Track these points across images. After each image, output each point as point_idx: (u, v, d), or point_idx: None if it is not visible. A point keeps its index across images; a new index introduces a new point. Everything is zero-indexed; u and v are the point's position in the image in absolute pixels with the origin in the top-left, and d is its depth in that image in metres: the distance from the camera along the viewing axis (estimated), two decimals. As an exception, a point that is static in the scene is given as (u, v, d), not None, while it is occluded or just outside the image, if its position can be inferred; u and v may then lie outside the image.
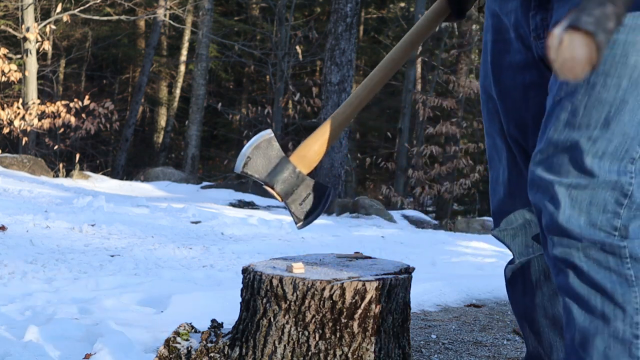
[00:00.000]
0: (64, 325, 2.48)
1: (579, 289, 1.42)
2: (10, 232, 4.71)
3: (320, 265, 1.87)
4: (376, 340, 1.74)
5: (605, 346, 1.42)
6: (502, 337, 3.00)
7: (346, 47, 10.96)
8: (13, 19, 15.00)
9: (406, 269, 1.86)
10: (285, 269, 1.81)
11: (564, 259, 1.42)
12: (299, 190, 1.71)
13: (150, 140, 20.35)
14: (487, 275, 4.68)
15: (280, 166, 1.70)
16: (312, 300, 1.70)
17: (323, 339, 1.71)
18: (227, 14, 20.51)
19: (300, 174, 1.71)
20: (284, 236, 6.03)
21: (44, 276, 3.61)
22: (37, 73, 13.36)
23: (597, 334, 1.42)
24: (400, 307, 1.80)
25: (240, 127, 18.40)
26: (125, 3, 14.96)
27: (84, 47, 18.39)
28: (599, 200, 1.40)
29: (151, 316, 2.87)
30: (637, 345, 1.40)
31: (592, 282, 1.41)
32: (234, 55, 17.87)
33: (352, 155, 15.20)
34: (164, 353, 1.85)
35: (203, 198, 9.96)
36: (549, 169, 1.43)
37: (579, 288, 1.42)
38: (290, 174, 1.70)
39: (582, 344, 1.44)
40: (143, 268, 4.07)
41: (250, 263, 1.87)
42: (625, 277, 1.40)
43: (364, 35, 19.74)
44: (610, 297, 1.40)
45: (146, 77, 16.93)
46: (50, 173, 10.78)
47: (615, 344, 1.41)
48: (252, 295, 1.78)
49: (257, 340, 1.75)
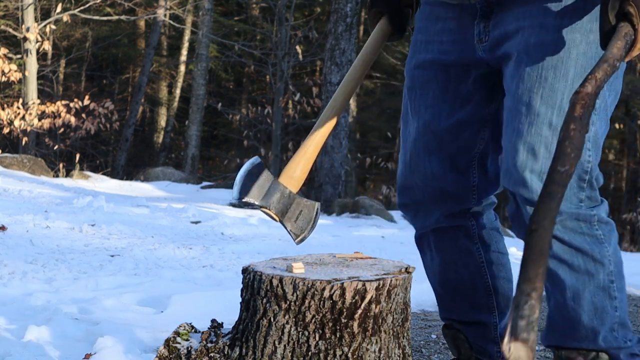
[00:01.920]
0: (64, 325, 2.48)
1: (563, 254, 1.75)
2: (10, 232, 4.71)
3: (320, 265, 1.87)
4: (376, 340, 1.74)
5: (592, 295, 1.77)
6: (502, 337, 2.99)
7: (346, 47, 10.96)
8: (13, 19, 15.00)
9: (406, 269, 1.86)
10: (285, 269, 1.81)
11: None
12: (292, 208, 1.87)
13: (150, 140, 20.35)
14: (487, 275, 4.68)
15: (272, 189, 1.84)
16: (312, 300, 1.70)
17: (323, 339, 1.71)
18: (227, 14, 20.51)
19: (291, 193, 1.87)
20: (284, 236, 6.03)
21: (44, 276, 3.61)
22: (37, 73, 13.36)
23: (585, 287, 1.76)
24: (400, 307, 1.81)
25: (240, 127, 18.39)
26: (125, 3, 14.96)
27: (84, 47, 18.38)
28: None
29: (151, 316, 2.87)
30: (613, 288, 1.78)
31: (573, 247, 1.74)
32: (234, 55, 17.86)
33: (352, 155, 15.20)
34: (164, 353, 1.85)
35: (203, 198, 9.96)
36: (522, 158, 1.69)
37: (563, 254, 1.74)
38: (282, 194, 1.85)
39: (574, 298, 1.78)
40: (143, 268, 4.07)
41: (250, 263, 1.87)
42: (597, 237, 1.75)
43: (364, 35, 19.74)
44: (590, 256, 1.75)
45: (146, 77, 16.93)
46: (50, 173, 10.78)
47: (598, 292, 1.77)
48: (252, 295, 1.78)
49: (257, 340, 1.75)
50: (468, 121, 1.90)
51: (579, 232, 1.73)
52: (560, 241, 1.74)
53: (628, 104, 17.80)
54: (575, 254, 1.75)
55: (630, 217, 16.29)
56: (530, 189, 1.69)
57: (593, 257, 1.75)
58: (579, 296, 1.78)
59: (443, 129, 1.90)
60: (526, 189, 1.70)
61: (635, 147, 18.75)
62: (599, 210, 1.75)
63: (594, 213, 1.74)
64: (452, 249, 2.00)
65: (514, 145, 1.71)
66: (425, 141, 1.92)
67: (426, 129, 1.92)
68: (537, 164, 1.68)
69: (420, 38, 1.96)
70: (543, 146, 1.68)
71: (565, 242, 1.74)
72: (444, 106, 1.90)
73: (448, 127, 1.90)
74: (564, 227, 1.72)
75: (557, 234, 1.73)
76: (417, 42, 1.97)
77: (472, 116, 1.90)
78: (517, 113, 1.71)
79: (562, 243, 1.74)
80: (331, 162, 10.95)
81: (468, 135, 1.91)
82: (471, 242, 2.00)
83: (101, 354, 2.17)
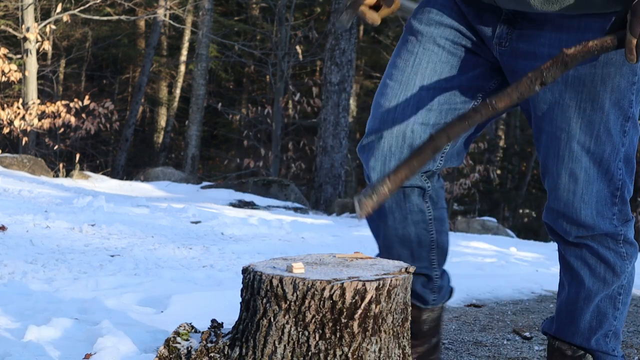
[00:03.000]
0: (64, 325, 2.47)
1: (589, 259, 1.98)
2: (10, 232, 4.71)
3: (320, 265, 1.87)
4: (376, 340, 1.74)
5: (599, 300, 2.01)
6: (502, 337, 3.00)
7: (346, 47, 10.97)
8: (13, 19, 15.01)
9: (406, 269, 1.86)
10: (285, 269, 1.81)
11: (579, 242, 1.96)
12: None
13: (150, 140, 20.36)
14: (487, 275, 4.69)
15: None
16: (312, 300, 1.70)
17: (323, 339, 1.71)
18: (227, 14, 20.51)
19: None
20: (284, 236, 6.03)
21: (44, 276, 3.61)
22: (37, 73, 13.36)
23: (598, 292, 2.00)
24: (400, 307, 1.81)
25: (240, 127, 18.40)
26: (125, 3, 14.96)
27: (84, 47, 18.39)
28: (602, 196, 1.91)
29: (151, 316, 2.87)
30: (619, 300, 2.03)
31: (600, 256, 1.97)
32: (234, 55, 17.87)
33: (352, 155, 15.20)
34: (164, 353, 1.85)
35: (203, 198, 9.95)
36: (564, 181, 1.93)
37: (589, 259, 1.98)
38: None
39: (586, 298, 2.01)
40: (143, 268, 4.07)
41: (250, 263, 1.87)
42: (620, 254, 1.98)
43: (364, 35, 19.75)
44: (611, 267, 1.98)
45: (146, 77, 16.93)
46: (50, 173, 10.78)
47: (606, 299, 2.01)
48: (252, 295, 1.78)
49: (257, 340, 1.75)
50: (465, 87, 1.97)
51: (606, 246, 1.97)
52: (589, 248, 1.97)
53: (628, 104, 17.76)
54: (600, 262, 1.98)
55: (630, 217, 16.26)
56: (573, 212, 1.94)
57: (614, 270, 1.99)
58: (590, 298, 2.01)
59: (441, 88, 1.95)
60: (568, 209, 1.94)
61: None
62: (627, 231, 1.98)
63: (621, 232, 1.96)
64: (404, 208, 2.08)
65: (557, 171, 1.93)
66: (417, 96, 1.96)
67: (422, 84, 1.96)
68: (579, 187, 1.91)
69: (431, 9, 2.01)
70: (583, 171, 1.90)
71: (593, 250, 1.97)
72: (445, 67, 1.96)
73: (446, 88, 1.96)
74: (594, 239, 1.96)
75: (588, 242, 1.96)
76: (428, 11, 2.02)
77: (470, 85, 1.97)
78: (556, 139, 1.90)
79: (591, 250, 1.97)
80: (331, 162, 10.96)
81: (460, 101, 1.97)
82: (423, 201, 2.09)
83: (101, 354, 2.17)
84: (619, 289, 2.02)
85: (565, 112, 1.86)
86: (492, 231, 9.92)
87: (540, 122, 1.92)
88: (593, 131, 1.86)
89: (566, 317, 2.06)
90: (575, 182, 1.90)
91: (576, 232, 1.94)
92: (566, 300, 2.05)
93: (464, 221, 10.75)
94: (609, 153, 1.88)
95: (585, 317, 2.03)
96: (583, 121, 1.86)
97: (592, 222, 1.92)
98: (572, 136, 1.87)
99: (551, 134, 1.90)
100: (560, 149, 1.89)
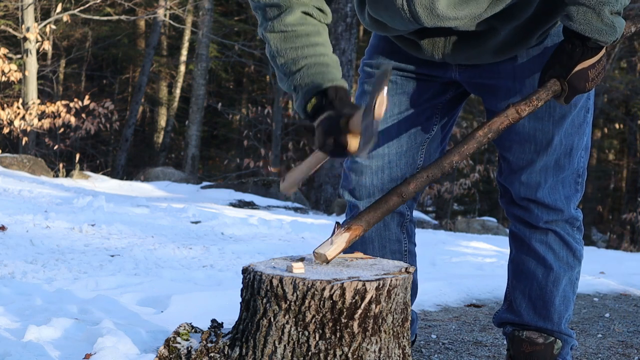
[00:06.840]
0: (64, 325, 2.47)
1: (554, 244, 2.17)
2: (10, 232, 4.71)
3: (320, 265, 1.87)
4: (376, 340, 1.74)
5: (565, 284, 2.19)
6: (502, 337, 3.00)
7: (346, 47, 10.97)
8: (13, 19, 15.00)
9: (406, 269, 1.86)
10: (285, 269, 1.81)
11: (548, 227, 2.15)
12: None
13: (150, 140, 20.35)
14: (487, 275, 4.68)
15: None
16: (312, 300, 1.70)
17: (323, 339, 1.71)
18: (227, 14, 20.51)
19: None
20: (284, 236, 6.03)
21: (44, 276, 3.61)
22: (37, 73, 13.36)
23: (564, 276, 2.18)
24: (400, 307, 1.81)
25: (240, 127, 18.41)
26: (125, 3, 14.96)
27: (84, 47, 18.39)
28: (568, 182, 2.13)
29: (151, 316, 2.87)
30: (577, 285, 2.23)
31: (564, 241, 2.16)
32: (234, 55, 17.87)
33: (352, 155, 15.13)
34: (164, 353, 1.85)
35: (203, 198, 9.95)
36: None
37: (553, 243, 2.16)
38: None
39: (554, 282, 2.18)
40: (143, 268, 4.07)
41: (250, 263, 1.87)
42: (576, 240, 2.18)
43: (364, 35, 19.74)
44: (572, 251, 2.18)
45: (146, 77, 16.93)
46: (50, 173, 10.78)
47: (569, 283, 2.19)
48: (252, 295, 1.78)
49: (257, 340, 1.75)
50: (425, 107, 2.14)
51: (567, 232, 2.17)
52: (555, 234, 2.15)
53: (628, 104, 17.80)
54: (563, 246, 2.17)
55: (630, 217, 16.28)
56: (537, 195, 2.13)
57: (574, 254, 2.19)
58: (558, 282, 2.18)
59: (404, 116, 2.13)
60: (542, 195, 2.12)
61: (635, 147, 18.74)
62: (579, 217, 2.18)
63: (579, 218, 2.18)
64: (383, 236, 2.19)
65: (532, 161, 2.11)
66: (385, 128, 2.12)
67: (385, 119, 2.10)
68: (550, 175, 2.11)
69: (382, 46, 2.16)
70: (554, 161, 2.11)
71: (559, 235, 2.16)
72: (402, 98, 2.14)
73: (408, 116, 2.13)
74: (558, 224, 2.15)
75: (554, 227, 2.15)
76: (378, 48, 2.17)
77: (429, 104, 2.14)
78: (531, 136, 2.09)
79: (556, 235, 2.16)
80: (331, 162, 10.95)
81: (424, 119, 2.14)
82: (400, 232, 2.22)
83: (101, 354, 2.17)
84: (577, 275, 2.21)
85: (537, 112, 1.99)
86: (492, 231, 9.92)
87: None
88: (564, 125, 2.07)
89: (538, 303, 2.19)
90: (547, 171, 2.10)
91: (547, 216, 2.13)
92: (536, 287, 2.19)
93: (464, 221, 10.75)
94: (576, 143, 2.10)
95: (555, 302, 2.17)
96: (554, 116, 2.06)
97: (562, 206, 2.12)
98: (546, 131, 2.07)
99: (524, 132, 2.08)
100: (536, 144, 2.08)
